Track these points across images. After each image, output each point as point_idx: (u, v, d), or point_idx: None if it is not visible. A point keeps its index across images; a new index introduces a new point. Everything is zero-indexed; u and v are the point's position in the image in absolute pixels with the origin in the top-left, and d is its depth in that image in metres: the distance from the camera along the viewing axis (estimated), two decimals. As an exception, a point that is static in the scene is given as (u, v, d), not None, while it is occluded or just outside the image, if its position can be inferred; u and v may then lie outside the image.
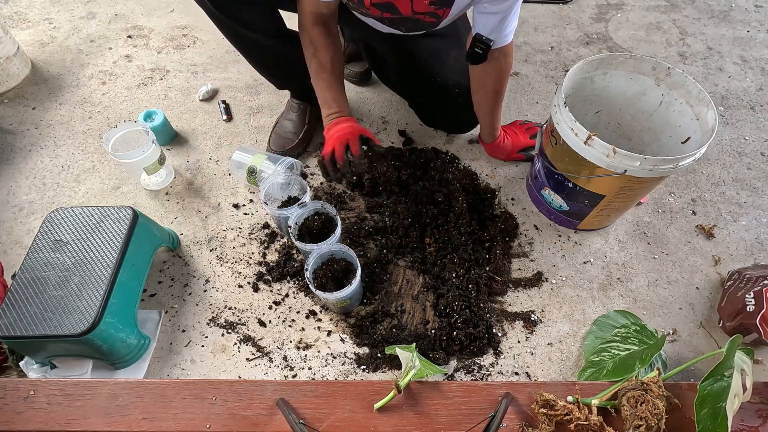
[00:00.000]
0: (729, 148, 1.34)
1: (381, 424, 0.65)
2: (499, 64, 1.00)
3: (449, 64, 1.12)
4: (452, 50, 1.13)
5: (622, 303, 1.05)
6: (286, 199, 1.10)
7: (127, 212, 0.96)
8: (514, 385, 0.68)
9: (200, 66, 1.51)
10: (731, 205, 1.21)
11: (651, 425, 0.59)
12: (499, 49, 0.97)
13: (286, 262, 1.09)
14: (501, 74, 1.04)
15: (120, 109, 1.40)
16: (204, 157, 1.30)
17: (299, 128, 1.27)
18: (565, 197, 1.06)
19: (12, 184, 1.24)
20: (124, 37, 1.60)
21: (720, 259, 1.12)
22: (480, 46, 0.94)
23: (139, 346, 0.95)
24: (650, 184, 0.96)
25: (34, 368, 0.91)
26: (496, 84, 1.06)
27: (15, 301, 0.85)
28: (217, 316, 1.03)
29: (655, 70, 1.02)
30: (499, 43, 0.95)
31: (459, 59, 1.12)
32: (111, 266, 0.89)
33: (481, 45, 0.94)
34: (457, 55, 1.12)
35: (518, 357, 0.98)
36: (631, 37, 1.64)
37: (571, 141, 0.92)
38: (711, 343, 1.00)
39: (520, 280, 1.08)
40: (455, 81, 1.12)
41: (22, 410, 0.67)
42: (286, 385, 0.68)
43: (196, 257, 1.11)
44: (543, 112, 1.41)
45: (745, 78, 1.51)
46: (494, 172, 1.27)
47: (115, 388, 0.68)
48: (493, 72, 1.02)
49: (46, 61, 1.53)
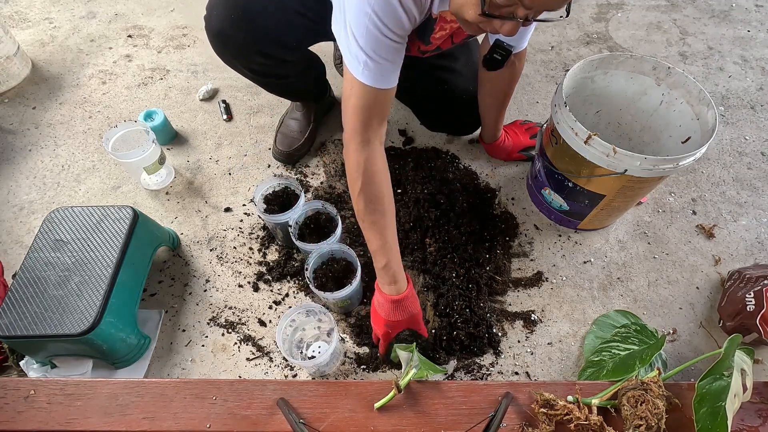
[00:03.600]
0: (729, 147, 1.33)
1: (381, 424, 0.65)
2: (513, 68, 1.00)
3: (458, 71, 1.12)
4: (461, 56, 1.12)
5: (622, 303, 1.05)
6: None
7: (127, 212, 0.96)
8: (514, 385, 0.68)
9: (200, 66, 1.51)
10: (731, 205, 1.21)
11: (651, 425, 0.59)
12: (515, 54, 0.96)
13: (286, 262, 1.09)
14: (513, 78, 1.03)
15: (120, 108, 1.40)
16: (204, 157, 1.30)
17: (305, 127, 1.27)
18: (566, 197, 1.06)
19: (12, 183, 1.24)
20: (124, 37, 1.60)
21: (720, 258, 1.12)
22: (500, 53, 0.92)
23: (139, 346, 0.95)
24: (650, 183, 0.96)
25: (34, 368, 0.91)
26: (507, 88, 1.06)
27: (15, 300, 0.85)
28: (217, 315, 1.03)
29: (656, 70, 1.02)
30: (518, 48, 0.94)
31: (467, 65, 1.12)
32: (111, 266, 0.89)
33: (501, 51, 0.92)
34: (466, 61, 1.12)
35: (518, 357, 0.98)
36: (632, 37, 1.64)
37: (572, 141, 0.92)
38: (711, 343, 1.00)
39: (520, 280, 1.08)
40: (464, 87, 1.12)
41: (22, 410, 0.67)
42: (287, 385, 0.68)
43: (196, 257, 1.11)
44: (543, 112, 1.41)
45: (745, 78, 1.51)
46: (494, 172, 1.27)
47: (115, 388, 0.68)
48: (507, 76, 1.02)
49: (46, 61, 1.53)
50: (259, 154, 1.30)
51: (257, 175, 1.26)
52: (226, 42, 0.95)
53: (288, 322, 0.87)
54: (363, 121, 0.78)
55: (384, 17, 0.69)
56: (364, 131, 0.79)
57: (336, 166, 1.26)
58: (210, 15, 0.93)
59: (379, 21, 0.69)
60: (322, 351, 0.94)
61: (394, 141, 1.33)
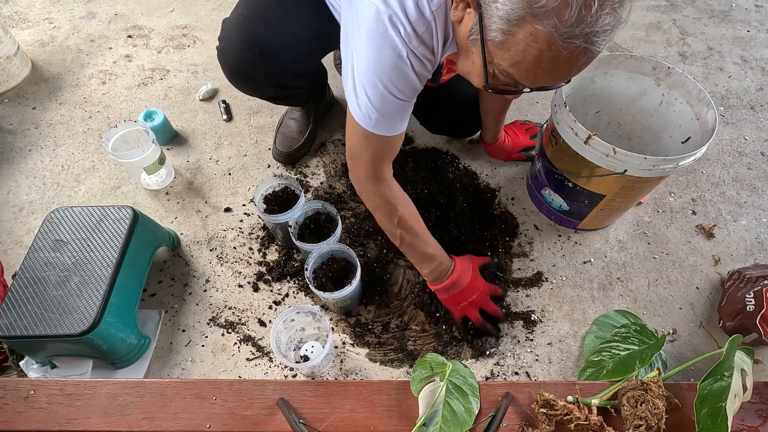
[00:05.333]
0: (729, 148, 1.34)
1: (381, 424, 0.65)
2: None
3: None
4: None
5: (622, 303, 1.05)
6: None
7: (127, 212, 0.96)
8: (514, 385, 0.68)
9: (200, 66, 1.51)
10: (731, 205, 1.21)
11: (651, 425, 0.59)
12: None
13: (286, 262, 1.09)
14: None
15: (120, 108, 1.40)
16: (204, 157, 1.30)
17: (304, 127, 1.27)
18: (565, 197, 1.06)
19: (12, 183, 1.24)
20: (124, 37, 1.60)
21: (720, 259, 1.12)
22: None
23: (139, 346, 0.95)
24: (650, 184, 0.96)
25: (34, 368, 0.91)
26: None
27: (15, 300, 0.85)
28: (217, 315, 1.03)
29: (656, 70, 1.02)
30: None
31: None
32: (111, 266, 0.89)
33: None
34: None
35: (518, 357, 0.98)
36: (631, 37, 1.64)
37: (571, 141, 0.92)
38: (711, 343, 1.00)
39: (520, 280, 1.08)
40: (465, 89, 1.12)
41: (22, 410, 0.67)
42: (286, 385, 0.68)
43: (196, 257, 1.11)
44: (543, 112, 1.41)
45: (745, 78, 1.51)
46: (494, 172, 1.27)
47: (115, 388, 0.68)
48: None
49: (46, 61, 1.53)
50: (259, 155, 1.30)
51: (257, 175, 1.26)
52: (243, 78, 0.97)
53: (282, 323, 0.87)
54: (375, 166, 0.82)
55: (399, 86, 0.72)
56: (378, 172, 0.83)
57: (336, 166, 1.26)
58: (225, 50, 0.92)
59: (395, 88, 0.71)
60: (315, 352, 0.94)
61: (394, 141, 1.33)
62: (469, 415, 0.62)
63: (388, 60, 0.68)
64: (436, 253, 0.92)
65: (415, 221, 0.89)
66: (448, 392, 0.63)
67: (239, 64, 0.93)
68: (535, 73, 0.60)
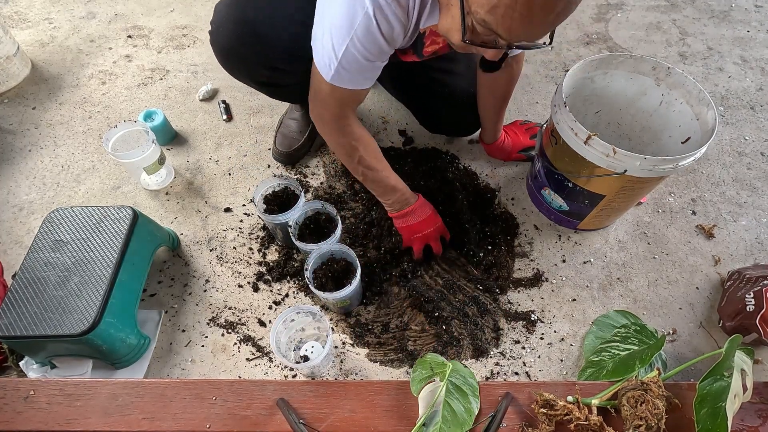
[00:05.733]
0: (729, 148, 1.34)
1: (381, 424, 0.65)
2: (510, 69, 1.00)
3: (458, 72, 1.12)
4: (461, 58, 1.12)
5: (622, 303, 1.05)
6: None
7: (127, 212, 0.96)
8: (514, 385, 0.68)
9: (200, 66, 1.51)
10: (731, 205, 1.21)
11: (651, 425, 0.59)
12: (512, 57, 0.97)
13: (286, 262, 1.09)
14: (511, 80, 1.03)
15: (120, 109, 1.40)
16: (204, 157, 1.30)
17: (304, 127, 1.27)
18: (565, 197, 1.06)
19: (12, 184, 1.24)
20: (124, 37, 1.60)
21: (720, 259, 1.12)
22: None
23: (139, 346, 0.95)
24: (650, 184, 0.96)
25: (34, 368, 0.91)
26: (505, 89, 1.05)
27: (15, 301, 0.85)
28: (217, 316, 1.03)
29: (655, 70, 1.02)
30: (514, 51, 0.94)
31: (467, 66, 1.11)
32: (111, 266, 0.89)
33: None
34: (466, 63, 1.12)
35: (518, 357, 0.98)
36: (631, 37, 1.64)
37: (571, 141, 0.92)
38: (711, 343, 1.00)
39: (520, 280, 1.08)
40: (464, 88, 1.12)
41: (22, 410, 0.67)
42: (286, 385, 0.68)
43: (196, 257, 1.11)
44: (543, 112, 1.41)
45: (745, 78, 1.51)
46: (494, 172, 1.27)
47: (115, 388, 0.68)
48: (505, 78, 1.02)
49: (46, 61, 1.53)
50: (258, 155, 1.30)
51: (257, 176, 1.26)
52: (234, 58, 0.95)
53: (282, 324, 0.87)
54: (337, 113, 0.86)
55: (365, 44, 0.73)
56: (340, 118, 0.87)
57: (336, 167, 1.26)
58: (216, 31, 0.92)
59: (361, 46, 0.73)
60: (315, 352, 0.94)
61: (393, 141, 1.33)
62: (469, 415, 0.62)
63: (357, 17, 0.69)
64: (398, 185, 0.99)
65: (375, 158, 0.95)
66: (448, 392, 0.63)
67: (231, 44, 0.91)
68: (512, 18, 0.59)
